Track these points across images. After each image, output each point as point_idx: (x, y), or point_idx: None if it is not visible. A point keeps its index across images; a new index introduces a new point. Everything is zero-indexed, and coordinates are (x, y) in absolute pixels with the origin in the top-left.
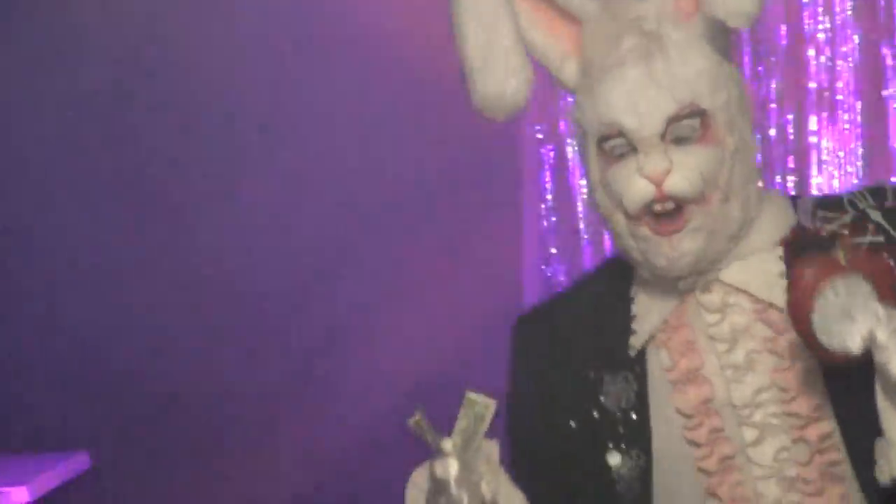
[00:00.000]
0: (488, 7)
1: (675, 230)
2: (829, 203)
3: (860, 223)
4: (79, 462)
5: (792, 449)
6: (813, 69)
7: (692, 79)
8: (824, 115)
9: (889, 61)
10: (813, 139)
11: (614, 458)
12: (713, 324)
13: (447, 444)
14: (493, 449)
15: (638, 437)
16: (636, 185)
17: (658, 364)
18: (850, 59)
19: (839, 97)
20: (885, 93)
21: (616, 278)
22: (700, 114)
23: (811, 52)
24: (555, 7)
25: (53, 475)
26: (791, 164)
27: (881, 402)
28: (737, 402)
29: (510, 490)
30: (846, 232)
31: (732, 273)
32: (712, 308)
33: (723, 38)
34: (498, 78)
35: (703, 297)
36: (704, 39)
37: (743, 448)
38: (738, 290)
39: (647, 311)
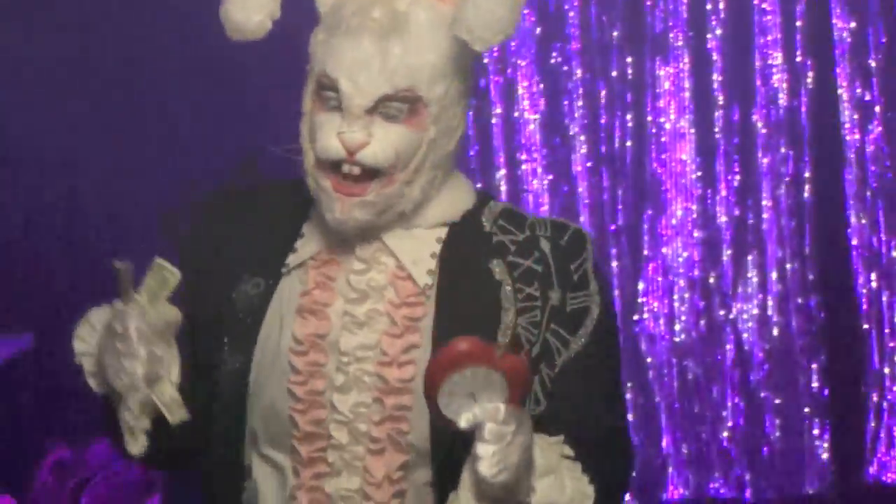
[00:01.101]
0: None
1: (352, 195)
2: (514, 217)
3: (529, 246)
4: (23, 342)
5: (371, 407)
6: (649, 19)
7: (417, 68)
8: (658, 58)
9: (713, 14)
10: (649, 79)
11: (224, 357)
12: (355, 272)
13: (137, 296)
14: (175, 314)
15: (242, 343)
16: (331, 143)
17: (295, 284)
18: (681, 9)
19: (673, 42)
20: (709, 38)
21: (300, 193)
22: (413, 100)
23: (649, 3)
24: None
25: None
26: (629, 99)
27: (464, 479)
28: (342, 347)
29: (174, 353)
30: (513, 248)
31: (392, 236)
32: (361, 258)
33: None
34: (246, 8)
35: (358, 246)
36: (448, 28)
37: (330, 389)
38: (391, 252)
39: (312, 236)
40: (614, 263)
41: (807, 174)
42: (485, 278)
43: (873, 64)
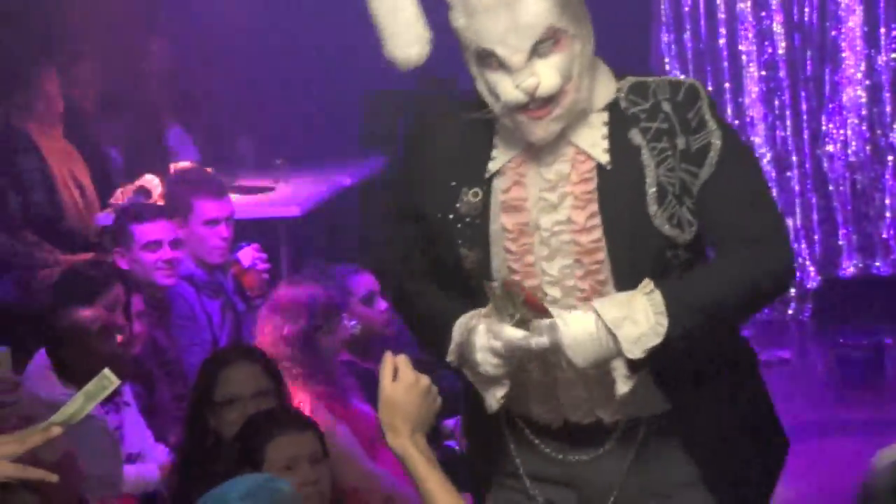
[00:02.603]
0: None
1: (544, 116)
2: (639, 88)
3: (654, 111)
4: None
5: (572, 266)
6: None
7: (545, 13)
8: None
9: None
10: None
11: (464, 252)
12: (545, 165)
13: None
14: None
15: (478, 239)
16: (513, 94)
17: (499, 185)
18: None
19: None
20: None
21: (485, 108)
22: (554, 34)
23: None
24: None
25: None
26: None
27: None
28: (542, 226)
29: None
30: (643, 115)
31: (569, 128)
32: (548, 154)
33: None
34: (403, 46)
35: (547, 146)
36: None
37: (539, 260)
38: (571, 142)
39: (507, 145)
40: (803, 106)
41: None
42: (627, 146)
43: None
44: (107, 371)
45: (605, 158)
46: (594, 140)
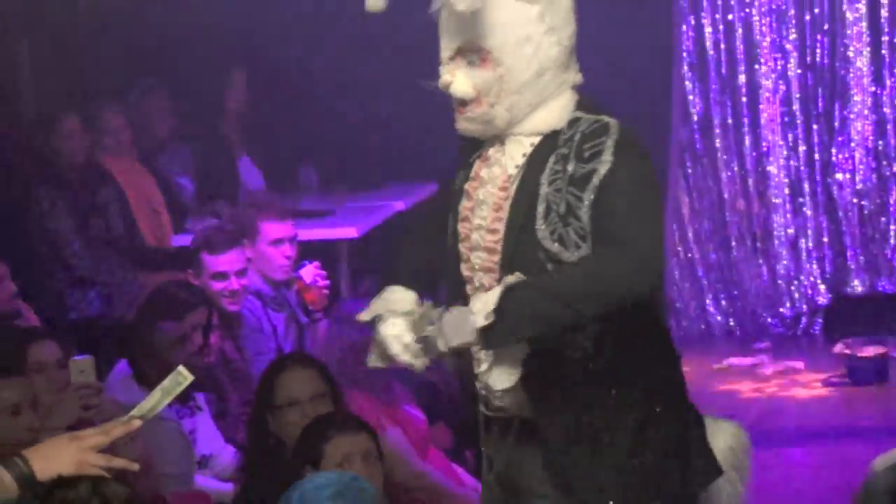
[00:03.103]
0: None
1: (462, 113)
2: (574, 121)
3: (568, 139)
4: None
5: (482, 259)
6: None
7: (480, 27)
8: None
9: None
10: None
11: (449, 219)
12: (486, 166)
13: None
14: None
15: (455, 215)
16: (441, 83)
17: (472, 173)
18: None
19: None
20: None
21: None
22: (478, 50)
23: None
24: None
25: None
26: (826, 27)
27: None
28: (475, 219)
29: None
30: (562, 143)
31: (508, 142)
32: (489, 157)
33: None
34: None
35: (492, 148)
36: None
37: (474, 247)
38: (505, 152)
39: (483, 144)
40: (815, 138)
41: None
42: (542, 167)
43: None
44: (181, 368)
45: (511, 171)
46: (514, 154)
